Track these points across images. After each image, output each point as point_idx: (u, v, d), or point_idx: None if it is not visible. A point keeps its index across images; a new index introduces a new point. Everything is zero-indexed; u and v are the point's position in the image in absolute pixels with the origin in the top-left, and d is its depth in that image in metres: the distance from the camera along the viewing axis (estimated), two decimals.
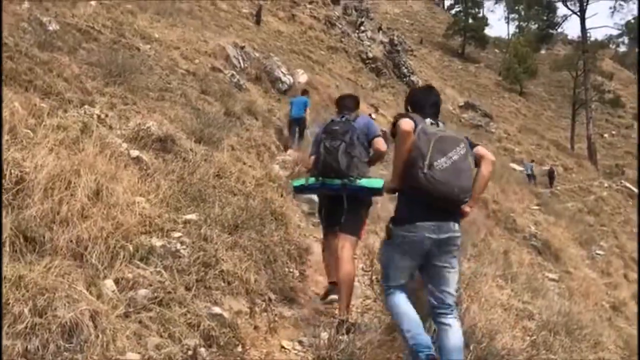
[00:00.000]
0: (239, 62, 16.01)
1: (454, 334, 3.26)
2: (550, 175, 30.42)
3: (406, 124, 3.29)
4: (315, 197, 7.16)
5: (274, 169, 8.53)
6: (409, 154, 3.24)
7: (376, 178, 4.41)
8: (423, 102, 3.65)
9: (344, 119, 4.52)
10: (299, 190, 4.87)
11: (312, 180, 4.47)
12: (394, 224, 3.37)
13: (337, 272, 4.26)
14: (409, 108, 3.70)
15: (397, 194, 3.51)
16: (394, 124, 3.41)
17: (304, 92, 14.70)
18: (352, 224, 4.40)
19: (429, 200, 3.21)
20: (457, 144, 3.30)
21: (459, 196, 3.25)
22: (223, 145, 7.06)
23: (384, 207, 7.06)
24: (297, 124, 13.06)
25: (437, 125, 3.45)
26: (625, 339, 9.99)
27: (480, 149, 3.51)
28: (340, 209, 4.34)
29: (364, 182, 4.30)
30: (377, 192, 4.30)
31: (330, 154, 4.30)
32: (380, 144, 4.45)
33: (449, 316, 3.30)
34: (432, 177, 3.15)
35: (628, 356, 8.66)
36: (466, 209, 3.39)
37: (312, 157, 4.62)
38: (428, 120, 3.42)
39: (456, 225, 3.36)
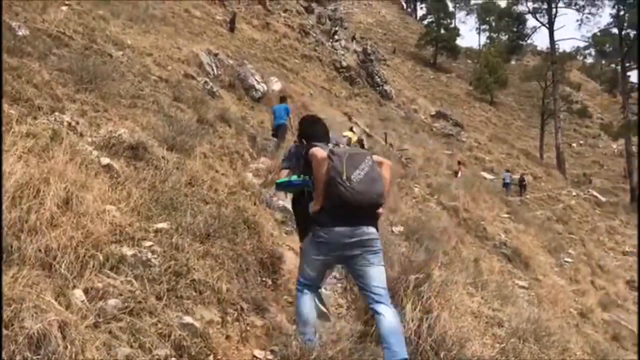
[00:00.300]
0: (213, 69, 15.96)
1: (388, 320, 3.58)
2: (521, 183, 30.95)
3: (320, 152, 3.83)
4: (288, 205, 7.19)
5: (247, 177, 8.50)
6: (328, 176, 3.67)
7: None
8: (317, 133, 4.31)
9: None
10: (282, 187, 4.97)
11: (294, 177, 4.60)
12: (317, 224, 3.84)
13: None
14: (304, 140, 4.33)
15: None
16: (307, 153, 3.97)
17: (283, 99, 14.88)
18: None
19: (350, 209, 3.66)
20: (364, 157, 3.81)
21: (378, 200, 3.76)
22: (195, 153, 7.02)
23: None
24: (280, 130, 13.31)
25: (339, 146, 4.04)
26: (592, 345, 10.20)
27: (377, 157, 4.05)
28: None
29: None
30: None
31: None
32: None
33: (380, 305, 3.64)
34: (351, 188, 3.61)
35: None
36: (380, 210, 3.91)
37: (284, 172, 4.84)
38: (330, 145, 4.04)
39: (370, 228, 3.80)
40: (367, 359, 3.89)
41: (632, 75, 63.76)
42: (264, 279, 5.29)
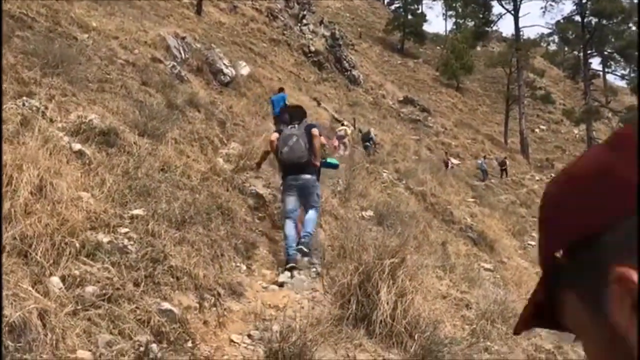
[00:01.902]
0: (180, 53, 15.71)
1: (309, 216, 6.15)
2: (502, 167, 31.83)
3: (273, 135, 6.63)
4: (260, 191, 7.21)
5: (218, 162, 8.47)
6: (277, 148, 6.36)
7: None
8: (284, 119, 6.90)
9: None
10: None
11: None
12: (282, 178, 6.53)
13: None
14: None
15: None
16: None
17: (281, 90, 16.28)
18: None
19: (287, 166, 6.33)
20: (292, 137, 6.28)
21: (299, 160, 6.21)
22: (167, 138, 6.96)
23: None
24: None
25: (295, 127, 6.43)
26: None
27: (313, 131, 6.41)
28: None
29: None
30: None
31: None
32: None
33: (310, 210, 6.22)
34: (282, 156, 6.30)
35: (557, 342, 9.12)
36: (315, 162, 6.38)
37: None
38: (290, 127, 6.48)
39: (306, 175, 6.27)
40: (344, 339, 3.97)
41: (594, 62, 65.20)
42: (238, 264, 5.32)
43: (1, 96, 4.24)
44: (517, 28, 44.51)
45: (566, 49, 54.66)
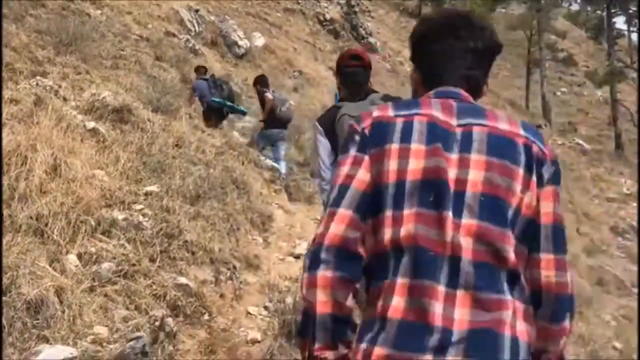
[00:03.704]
0: (194, 26, 15.64)
1: (282, 165, 8.09)
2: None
3: (270, 95, 8.33)
4: (276, 165, 7.24)
5: (233, 136, 8.49)
6: (272, 106, 8.14)
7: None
8: (264, 83, 8.70)
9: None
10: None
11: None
12: (265, 128, 8.43)
13: None
14: (258, 86, 8.72)
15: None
16: (259, 92, 8.64)
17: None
18: None
19: (279, 121, 8.19)
20: (287, 100, 8.73)
21: (289, 119, 8.40)
22: (181, 114, 6.97)
23: None
24: None
25: (276, 93, 8.72)
26: (577, 290, 10.45)
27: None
28: None
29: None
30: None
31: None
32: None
33: (279, 162, 8.08)
34: (280, 113, 8.14)
35: (579, 306, 9.09)
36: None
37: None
38: (272, 90, 8.63)
39: (285, 130, 8.40)
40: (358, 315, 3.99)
41: (618, 22, 63.43)
42: (254, 237, 5.36)
43: (1, 91, 4.26)
44: None
45: (589, 8, 53.22)
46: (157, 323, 2.98)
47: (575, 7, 61.86)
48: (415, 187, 1.26)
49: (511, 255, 1.24)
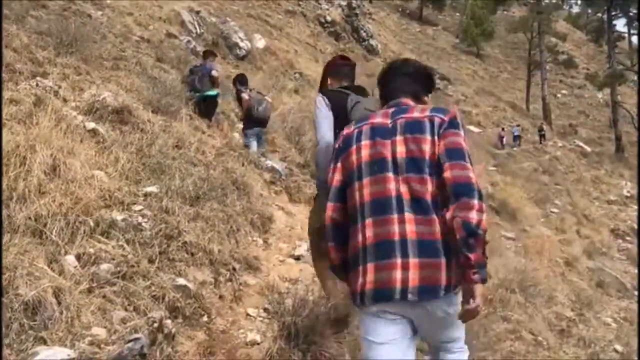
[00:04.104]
0: (195, 28, 15.64)
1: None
2: (540, 132, 32.95)
3: (246, 95, 8.67)
4: (277, 166, 7.23)
5: (234, 137, 8.48)
6: (248, 105, 8.53)
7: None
8: (243, 82, 9.08)
9: None
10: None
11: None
12: (243, 128, 8.82)
13: None
14: (237, 84, 9.10)
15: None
16: (239, 92, 8.99)
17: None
18: None
19: (256, 120, 8.55)
20: (265, 100, 8.80)
21: (266, 118, 8.72)
22: (181, 114, 6.97)
23: None
24: None
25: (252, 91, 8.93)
26: (577, 293, 10.45)
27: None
28: None
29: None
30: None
31: None
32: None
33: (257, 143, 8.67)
34: (257, 113, 8.50)
35: (579, 309, 9.08)
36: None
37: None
38: (247, 88, 8.92)
39: (263, 129, 8.72)
40: (356, 313, 3.98)
41: (618, 24, 63.45)
42: (254, 238, 5.35)
43: (1, 91, 4.26)
44: None
45: (589, 10, 53.20)
46: (155, 324, 2.96)
47: (575, 9, 61.94)
48: (367, 164, 2.23)
49: (428, 189, 2.13)
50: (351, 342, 3.67)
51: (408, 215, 2.09)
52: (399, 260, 2.05)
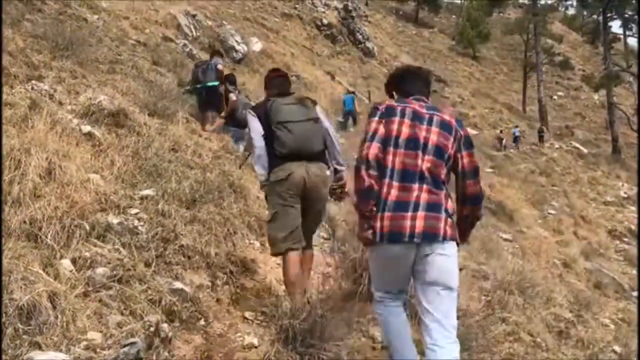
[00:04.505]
0: (191, 31, 15.65)
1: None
2: (540, 134, 33.46)
3: (234, 96, 8.79)
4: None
5: (230, 140, 8.46)
6: (233, 107, 8.72)
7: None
8: (232, 82, 9.21)
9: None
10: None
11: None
12: (225, 124, 8.65)
13: None
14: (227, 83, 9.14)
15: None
16: (227, 91, 8.93)
17: (350, 92, 20.54)
18: None
19: (238, 122, 8.45)
20: (250, 104, 7.41)
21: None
22: (177, 117, 6.94)
23: None
24: (350, 115, 18.34)
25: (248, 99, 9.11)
26: (575, 294, 10.44)
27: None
28: None
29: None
30: None
31: None
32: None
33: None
34: (240, 115, 8.28)
35: (577, 310, 9.06)
36: None
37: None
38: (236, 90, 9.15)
39: (243, 131, 8.19)
40: (356, 314, 3.97)
41: (614, 26, 63.62)
42: (251, 241, 5.32)
43: (1, 91, 4.24)
44: None
45: (585, 12, 53.36)
46: (152, 328, 2.93)
47: (571, 11, 62.09)
48: (405, 140, 2.88)
49: (443, 172, 2.88)
50: (349, 345, 3.66)
51: (426, 187, 2.82)
52: (409, 214, 2.76)
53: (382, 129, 2.90)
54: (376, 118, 2.96)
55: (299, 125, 3.92)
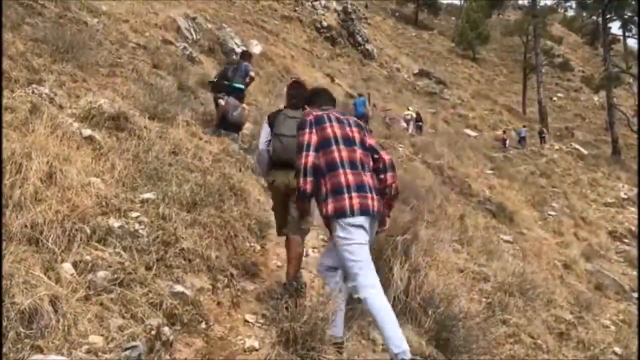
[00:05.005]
0: (191, 34, 15.67)
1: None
2: (541, 135, 33.58)
3: (222, 101, 8.94)
4: None
5: (231, 143, 8.47)
6: (223, 111, 8.82)
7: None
8: (221, 87, 9.35)
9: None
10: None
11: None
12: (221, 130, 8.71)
13: None
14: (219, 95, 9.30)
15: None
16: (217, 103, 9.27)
17: (361, 95, 20.88)
18: None
19: (230, 125, 8.73)
20: (237, 107, 8.88)
21: (240, 123, 9.01)
22: (178, 121, 6.96)
23: None
24: (361, 118, 16.55)
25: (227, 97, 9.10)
26: (576, 295, 10.44)
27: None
28: None
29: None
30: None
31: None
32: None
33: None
34: (231, 117, 8.80)
35: (578, 311, 9.07)
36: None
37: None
38: (224, 95, 9.17)
39: (236, 134, 8.89)
40: (356, 317, 3.98)
41: (613, 27, 63.68)
42: (252, 244, 5.33)
43: (1, 92, 4.24)
44: None
45: (584, 14, 53.31)
46: (153, 332, 2.94)
47: (570, 12, 62.12)
48: (342, 138, 3.65)
49: (369, 160, 3.72)
50: (350, 349, 3.66)
51: (367, 173, 3.65)
52: (369, 195, 3.56)
53: (314, 138, 3.64)
54: (307, 129, 3.68)
55: (290, 140, 4.32)
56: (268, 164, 4.55)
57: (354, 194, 3.50)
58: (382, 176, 3.68)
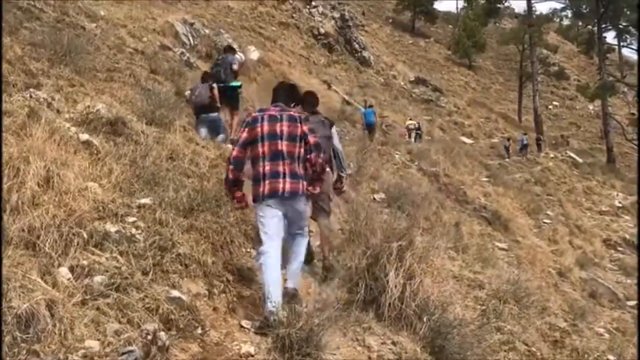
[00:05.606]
0: (189, 40, 15.69)
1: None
2: (538, 142, 34.02)
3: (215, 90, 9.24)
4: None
5: (228, 148, 8.47)
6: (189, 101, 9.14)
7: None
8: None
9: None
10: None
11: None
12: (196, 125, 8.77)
13: None
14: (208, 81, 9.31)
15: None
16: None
17: (370, 106, 21.80)
18: None
19: (196, 108, 8.84)
20: (197, 87, 8.92)
21: (203, 103, 8.81)
22: (175, 126, 6.97)
23: None
24: (370, 127, 20.18)
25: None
26: (570, 303, 10.47)
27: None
28: None
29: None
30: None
31: None
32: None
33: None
34: (194, 100, 8.88)
35: (572, 319, 9.09)
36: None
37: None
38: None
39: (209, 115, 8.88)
40: (352, 323, 3.99)
41: (608, 36, 64.15)
42: (248, 250, 5.33)
43: (1, 92, 4.25)
44: (529, 4, 43.64)
45: (580, 23, 53.64)
46: (149, 337, 2.95)
47: (566, 22, 62.43)
48: (267, 135, 4.20)
49: (297, 150, 4.25)
50: (345, 354, 3.67)
51: (287, 162, 4.17)
52: (281, 179, 4.13)
53: (246, 135, 4.23)
54: (243, 128, 4.34)
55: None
56: None
57: (267, 181, 4.15)
58: (308, 156, 4.26)
